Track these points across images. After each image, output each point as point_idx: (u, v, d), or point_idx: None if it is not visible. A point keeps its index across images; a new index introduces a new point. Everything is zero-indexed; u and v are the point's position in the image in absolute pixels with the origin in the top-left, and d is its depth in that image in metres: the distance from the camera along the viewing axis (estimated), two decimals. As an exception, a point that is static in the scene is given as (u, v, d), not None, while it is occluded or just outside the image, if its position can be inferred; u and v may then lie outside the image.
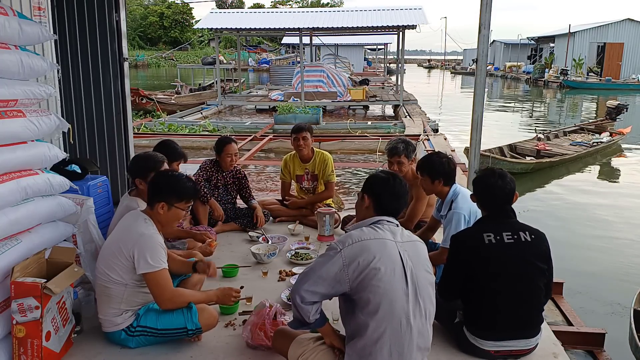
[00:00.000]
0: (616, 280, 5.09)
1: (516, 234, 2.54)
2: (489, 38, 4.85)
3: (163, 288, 2.51)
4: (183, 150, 3.89)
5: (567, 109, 22.30)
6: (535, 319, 2.59)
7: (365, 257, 2.05)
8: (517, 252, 2.50)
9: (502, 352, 2.56)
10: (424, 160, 3.38)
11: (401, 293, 2.06)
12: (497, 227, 2.56)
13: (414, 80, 37.28)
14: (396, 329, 2.05)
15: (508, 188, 2.61)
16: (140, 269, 2.48)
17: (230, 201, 4.59)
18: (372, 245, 2.08)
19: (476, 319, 2.57)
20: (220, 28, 18.16)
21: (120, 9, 4.91)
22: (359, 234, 2.13)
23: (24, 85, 2.75)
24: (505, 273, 2.49)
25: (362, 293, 2.05)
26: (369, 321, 2.04)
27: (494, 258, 2.50)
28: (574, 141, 11.30)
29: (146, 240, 2.49)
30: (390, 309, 2.04)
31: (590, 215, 7.31)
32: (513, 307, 2.50)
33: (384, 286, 2.04)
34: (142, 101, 15.87)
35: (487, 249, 2.50)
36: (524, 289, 2.51)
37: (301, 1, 71.17)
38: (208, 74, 29.57)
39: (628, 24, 32.52)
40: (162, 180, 2.67)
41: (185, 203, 2.64)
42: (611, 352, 3.20)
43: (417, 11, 17.84)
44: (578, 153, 10.22)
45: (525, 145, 10.53)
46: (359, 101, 16.91)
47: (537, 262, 2.53)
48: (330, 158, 4.79)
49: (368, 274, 2.03)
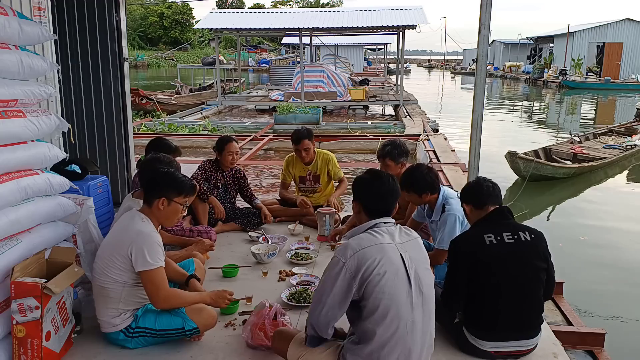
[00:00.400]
0: (616, 279, 5.09)
1: (516, 234, 2.54)
2: (489, 38, 4.86)
3: (158, 287, 2.50)
4: (176, 145, 3.94)
5: (566, 109, 22.30)
6: (535, 319, 2.59)
7: (368, 266, 2.05)
8: (517, 252, 2.50)
9: (502, 352, 2.56)
10: (406, 178, 3.27)
11: (405, 296, 2.08)
12: (497, 228, 2.56)
13: (414, 80, 37.32)
14: (402, 332, 2.06)
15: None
16: (138, 267, 2.47)
17: (229, 201, 4.59)
18: (372, 253, 2.08)
19: (476, 319, 2.56)
20: (220, 28, 18.16)
21: (120, 9, 4.91)
22: (357, 243, 2.12)
23: (24, 85, 2.76)
24: (506, 273, 2.49)
25: (367, 300, 2.06)
26: (376, 328, 2.06)
27: (495, 259, 2.49)
28: (607, 144, 10.91)
29: (144, 238, 2.49)
30: (396, 314, 2.06)
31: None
32: (514, 308, 2.50)
33: (388, 291, 2.05)
34: (142, 101, 15.86)
35: (488, 249, 2.50)
36: (524, 289, 2.51)
37: (301, 1, 71.18)
38: (208, 74, 29.56)
39: (627, 24, 32.51)
40: (160, 176, 2.69)
41: (184, 197, 2.65)
42: (611, 352, 3.20)
43: (417, 11, 17.84)
44: (616, 156, 9.82)
45: (561, 148, 10.12)
46: (359, 101, 16.91)
47: (537, 262, 2.54)
48: (333, 156, 4.79)
49: (372, 281, 2.04)
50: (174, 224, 2.74)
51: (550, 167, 8.46)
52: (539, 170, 8.15)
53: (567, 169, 8.76)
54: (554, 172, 8.43)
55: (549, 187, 8.28)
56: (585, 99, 24.92)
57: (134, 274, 2.52)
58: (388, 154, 3.95)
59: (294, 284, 3.37)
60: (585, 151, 9.93)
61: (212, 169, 4.48)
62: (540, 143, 12.22)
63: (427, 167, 3.36)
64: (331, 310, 2.11)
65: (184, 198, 2.65)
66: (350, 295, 2.08)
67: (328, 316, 2.12)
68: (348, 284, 2.06)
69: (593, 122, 17.63)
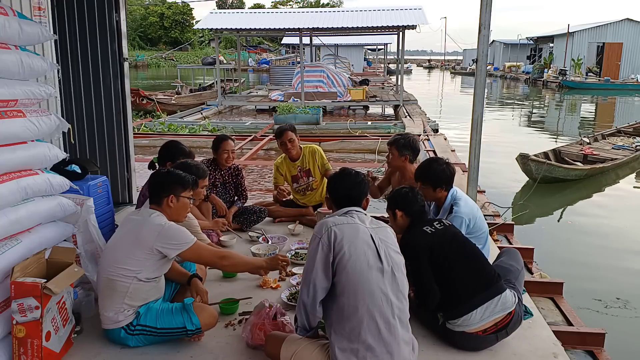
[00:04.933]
0: (616, 279, 5.09)
1: (440, 222, 2.85)
2: (489, 38, 4.86)
3: (209, 254, 2.74)
4: (190, 149, 4.01)
5: (566, 109, 22.30)
6: (493, 275, 2.70)
7: (340, 240, 2.21)
8: (449, 232, 2.79)
9: (489, 328, 2.59)
10: (423, 170, 3.31)
11: (376, 272, 2.20)
12: (427, 222, 2.84)
13: (415, 81, 37.31)
14: (379, 306, 2.15)
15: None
16: (174, 252, 2.60)
17: (228, 199, 4.61)
18: (345, 230, 2.25)
19: (447, 302, 2.64)
20: (221, 28, 18.16)
21: (120, 9, 4.91)
22: (333, 220, 2.31)
23: (24, 85, 2.76)
24: (452, 250, 2.70)
25: (340, 275, 2.18)
26: (351, 302, 2.15)
27: (440, 242, 2.71)
28: (616, 144, 10.79)
29: (167, 229, 2.60)
30: (369, 288, 2.16)
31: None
32: (469, 272, 2.66)
33: (359, 267, 2.19)
34: (142, 101, 15.86)
35: (431, 236, 2.73)
36: (468, 255, 2.73)
37: (301, 1, 71.19)
38: (208, 74, 29.57)
39: (627, 24, 32.51)
40: (164, 177, 2.79)
41: (189, 191, 2.80)
42: (611, 352, 3.20)
43: (417, 11, 17.85)
44: (627, 157, 9.69)
45: (570, 150, 9.98)
46: (359, 101, 16.91)
47: (463, 235, 2.89)
48: (319, 148, 4.80)
49: (343, 256, 2.18)
50: (183, 219, 2.85)
51: (562, 169, 8.38)
52: (551, 172, 8.07)
53: (579, 171, 8.65)
54: (566, 174, 8.34)
55: (561, 189, 8.19)
56: (585, 99, 24.92)
57: (153, 266, 2.58)
58: (395, 142, 3.99)
59: (294, 284, 3.36)
60: (596, 152, 9.82)
61: (210, 168, 4.50)
62: (541, 143, 12.24)
63: (446, 162, 3.36)
64: (318, 284, 2.22)
65: (189, 192, 2.80)
66: (330, 268, 2.20)
67: (317, 292, 2.22)
68: (326, 257, 2.21)
69: (593, 122, 17.65)
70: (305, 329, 2.33)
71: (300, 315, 2.31)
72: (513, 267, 2.95)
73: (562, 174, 8.30)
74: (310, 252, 2.27)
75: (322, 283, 2.21)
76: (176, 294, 3.03)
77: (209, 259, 2.79)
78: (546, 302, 3.79)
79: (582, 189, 8.40)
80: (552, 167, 8.21)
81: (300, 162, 4.74)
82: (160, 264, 2.63)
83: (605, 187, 8.72)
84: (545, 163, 8.02)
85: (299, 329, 2.37)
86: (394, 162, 4.00)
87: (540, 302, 3.75)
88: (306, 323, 2.30)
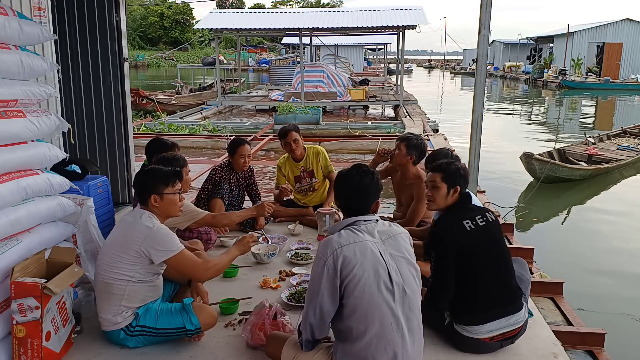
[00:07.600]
0: (617, 279, 5.09)
1: (484, 216, 2.63)
2: (488, 38, 4.86)
3: (192, 264, 2.63)
4: (172, 141, 3.93)
5: (566, 109, 22.30)
6: (516, 290, 2.64)
7: (347, 264, 2.06)
8: (489, 232, 2.60)
9: (496, 337, 2.57)
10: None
11: (387, 293, 2.07)
12: (470, 213, 2.62)
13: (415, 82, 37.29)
14: (388, 329, 2.06)
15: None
16: (159, 258, 2.53)
17: (240, 202, 4.62)
18: (352, 251, 2.09)
19: (465, 306, 2.58)
20: (221, 28, 18.15)
21: (120, 9, 4.91)
22: (337, 240, 2.12)
23: (24, 85, 2.76)
24: (485, 254, 2.56)
25: (349, 299, 2.06)
26: (360, 326, 2.06)
27: (476, 243, 2.55)
28: (621, 145, 10.78)
29: (156, 232, 2.55)
30: (379, 313, 2.05)
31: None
32: (496, 285, 2.56)
33: (369, 290, 2.05)
34: (142, 101, 15.86)
35: (470, 235, 2.55)
36: (500, 265, 2.60)
37: (301, 1, 71.16)
38: (208, 74, 29.56)
39: (627, 24, 32.49)
40: (143, 177, 2.74)
41: (172, 187, 2.70)
42: (611, 352, 3.20)
43: (417, 11, 17.84)
44: (632, 158, 9.70)
45: (575, 150, 9.97)
46: (359, 101, 16.90)
47: (502, 238, 2.68)
48: (323, 149, 4.78)
49: (352, 280, 2.05)
50: (178, 213, 2.79)
51: (566, 168, 8.37)
52: (555, 171, 8.06)
53: (583, 171, 8.64)
54: (570, 174, 8.33)
55: (564, 189, 8.18)
56: (585, 99, 24.91)
57: (143, 269, 2.55)
58: (406, 139, 3.96)
59: (294, 284, 3.36)
60: (600, 152, 9.80)
61: (225, 172, 4.47)
62: (540, 144, 12.23)
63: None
64: (325, 308, 2.11)
65: (172, 187, 2.70)
66: (337, 292, 2.08)
67: (324, 315, 2.12)
68: (332, 281, 2.07)
69: (593, 122, 17.64)
70: (310, 342, 2.24)
71: (306, 332, 2.21)
72: (524, 277, 2.90)
73: (566, 174, 8.28)
74: (314, 273, 2.14)
75: (330, 307, 2.11)
76: (176, 294, 3.03)
77: (191, 271, 2.68)
78: (546, 302, 3.79)
79: (585, 189, 8.38)
80: (556, 166, 8.20)
81: (303, 163, 4.73)
82: (152, 266, 2.59)
83: (609, 187, 8.71)
84: (549, 162, 8.02)
85: (303, 343, 2.24)
86: (399, 158, 3.97)
87: (540, 302, 3.75)
88: (311, 338, 2.21)
